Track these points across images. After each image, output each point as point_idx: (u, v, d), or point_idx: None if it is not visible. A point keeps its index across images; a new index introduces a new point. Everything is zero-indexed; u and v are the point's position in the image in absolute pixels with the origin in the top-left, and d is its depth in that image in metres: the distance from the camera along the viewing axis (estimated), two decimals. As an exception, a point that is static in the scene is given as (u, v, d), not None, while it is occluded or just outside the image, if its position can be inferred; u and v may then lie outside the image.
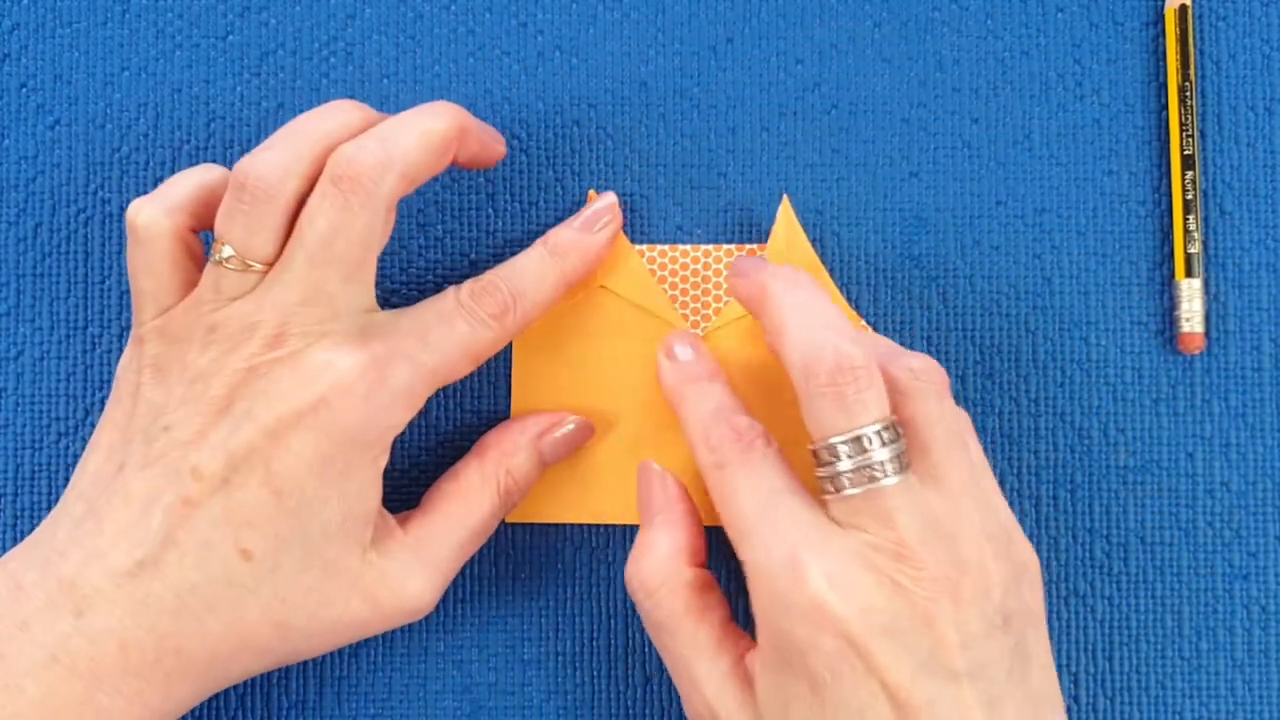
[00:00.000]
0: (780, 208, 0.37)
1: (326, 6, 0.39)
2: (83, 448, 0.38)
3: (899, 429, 0.31)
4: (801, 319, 0.31)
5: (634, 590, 0.33)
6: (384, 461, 0.33)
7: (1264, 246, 0.38)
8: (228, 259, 0.31)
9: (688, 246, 0.38)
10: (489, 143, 0.35)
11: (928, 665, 0.29)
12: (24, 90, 0.39)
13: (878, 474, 0.30)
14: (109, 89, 0.39)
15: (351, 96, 0.39)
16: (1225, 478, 0.38)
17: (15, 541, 0.38)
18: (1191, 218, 0.37)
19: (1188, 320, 0.37)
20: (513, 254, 0.38)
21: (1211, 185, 0.38)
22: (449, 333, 0.33)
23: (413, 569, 0.33)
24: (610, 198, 0.37)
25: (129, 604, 0.30)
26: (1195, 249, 0.37)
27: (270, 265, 0.32)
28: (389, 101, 0.39)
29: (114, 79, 0.39)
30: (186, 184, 0.33)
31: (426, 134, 0.32)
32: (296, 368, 0.31)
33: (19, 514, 0.38)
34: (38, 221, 0.39)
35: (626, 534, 0.38)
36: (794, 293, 0.32)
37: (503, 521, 0.37)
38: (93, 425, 0.38)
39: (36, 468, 0.38)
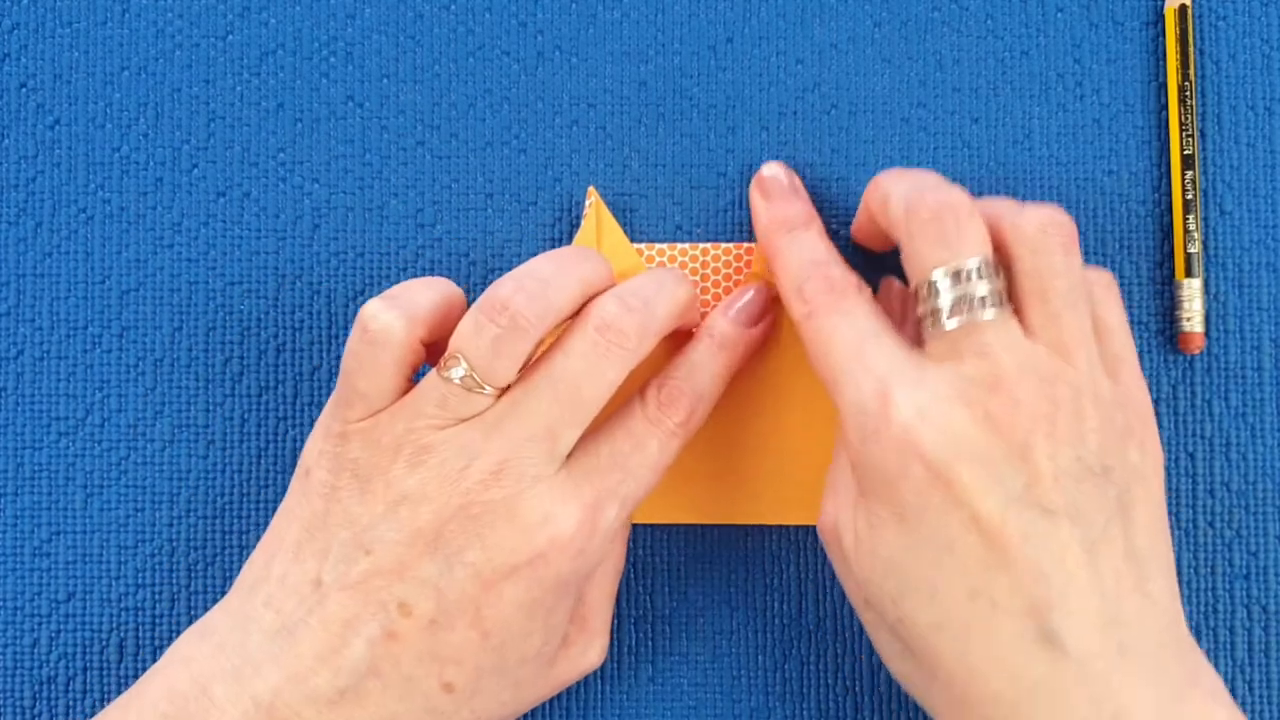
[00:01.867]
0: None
1: (326, 6, 0.39)
2: (82, 447, 0.38)
3: (998, 268, 0.31)
4: (907, 182, 0.32)
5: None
6: (583, 588, 0.34)
7: (1264, 246, 0.38)
8: (460, 379, 0.30)
9: (686, 245, 0.37)
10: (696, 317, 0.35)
11: (1022, 499, 0.29)
12: (24, 90, 0.39)
13: (976, 307, 0.30)
14: (109, 89, 0.39)
15: (351, 97, 0.39)
16: (1225, 478, 0.38)
17: (15, 540, 0.38)
18: (1191, 218, 0.37)
19: (1188, 320, 0.37)
20: (512, 254, 0.38)
21: (1211, 185, 0.38)
22: (645, 457, 0.32)
23: (587, 647, 0.34)
24: (763, 291, 0.36)
25: None
26: (1195, 249, 0.37)
27: (501, 392, 0.31)
28: (389, 101, 0.39)
29: (114, 79, 0.39)
30: (429, 296, 0.32)
31: (677, 303, 0.33)
32: (514, 518, 0.30)
33: (19, 514, 0.38)
34: (38, 221, 0.39)
35: (630, 533, 0.38)
36: (900, 172, 0.34)
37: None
38: (93, 425, 0.38)
39: (36, 468, 0.38)
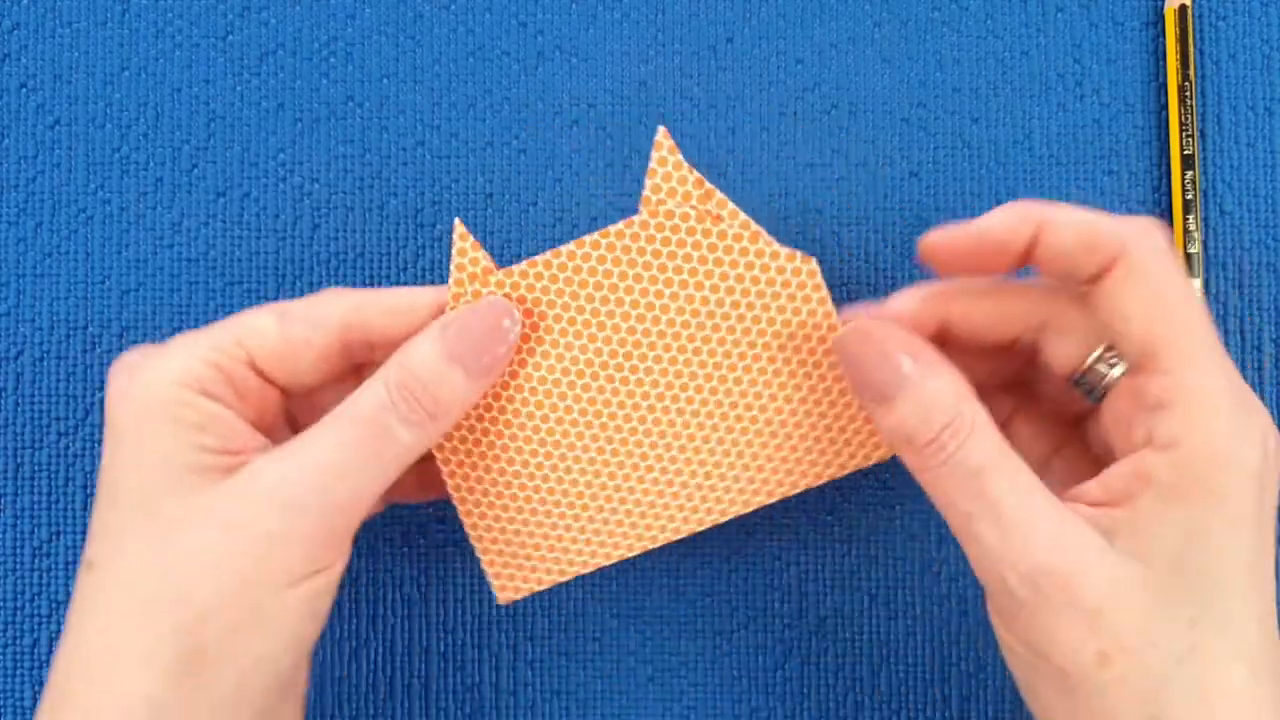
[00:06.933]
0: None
1: (326, 6, 0.39)
2: (82, 447, 0.38)
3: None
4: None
5: (922, 419, 0.29)
6: (190, 413, 0.29)
7: (1264, 246, 0.38)
8: None
9: (547, 255, 0.32)
10: None
11: None
12: (24, 90, 0.39)
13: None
14: (109, 89, 0.39)
15: (351, 97, 0.39)
16: (1225, 478, 0.38)
17: (15, 540, 0.38)
18: (1191, 218, 0.37)
19: (1188, 320, 0.37)
20: (513, 254, 0.38)
21: (1211, 185, 0.38)
22: None
23: (263, 466, 0.29)
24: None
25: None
26: (1195, 249, 0.37)
27: None
28: (389, 101, 0.39)
29: (114, 79, 0.39)
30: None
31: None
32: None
33: (19, 514, 0.38)
34: (38, 221, 0.39)
35: (626, 534, 0.38)
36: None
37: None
38: (93, 425, 0.38)
39: (36, 468, 0.38)
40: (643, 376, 0.33)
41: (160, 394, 0.29)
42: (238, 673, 0.29)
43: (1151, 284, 0.28)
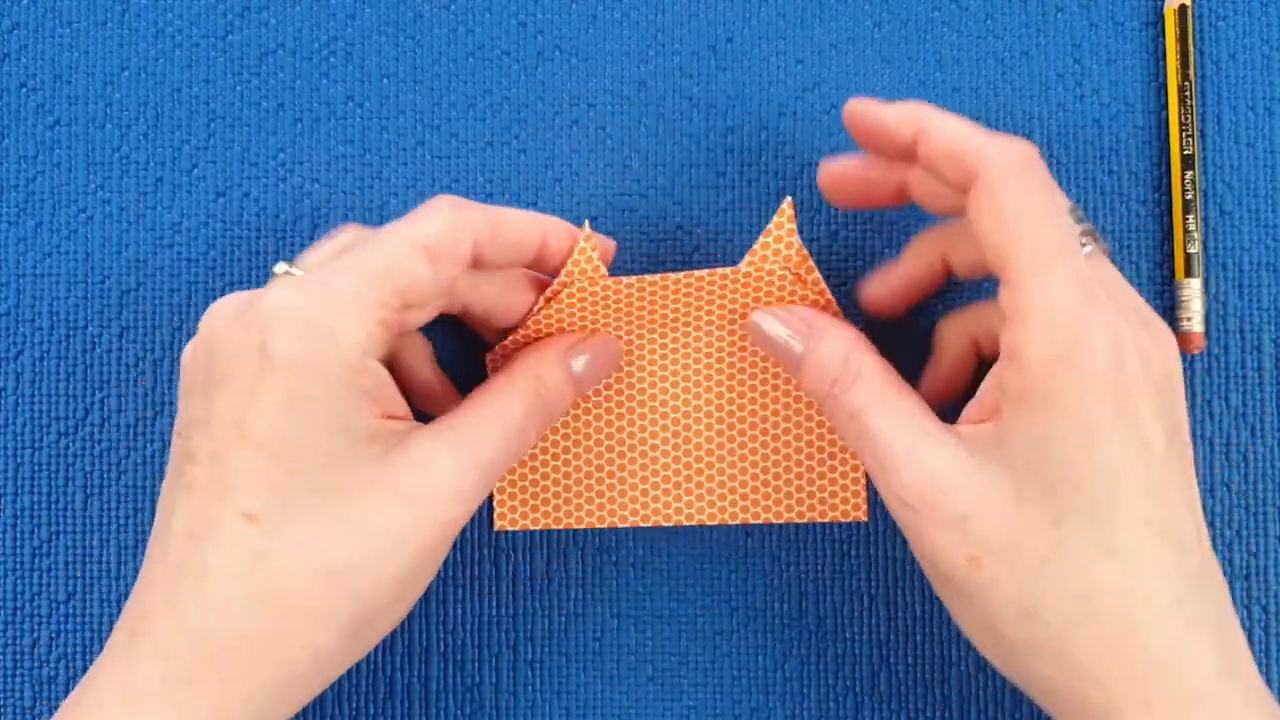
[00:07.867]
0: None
1: (326, 6, 0.39)
2: (82, 447, 0.38)
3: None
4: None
5: (818, 379, 0.32)
6: (368, 380, 0.30)
7: (1264, 246, 0.38)
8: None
9: (655, 277, 0.33)
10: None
11: (1180, 424, 0.30)
12: (24, 90, 0.39)
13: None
14: (109, 89, 0.39)
15: (351, 97, 0.39)
16: (1225, 478, 0.38)
17: (15, 541, 0.38)
18: (1191, 218, 0.37)
19: (1188, 320, 0.37)
20: (513, 254, 0.38)
21: (1211, 185, 0.38)
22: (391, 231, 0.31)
23: (438, 450, 0.31)
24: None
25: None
26: (1195, 249, 0.37)
27: None
28: (389, 101, 0.39)
29: (114, 79, 0.39)
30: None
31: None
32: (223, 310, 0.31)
33: (19, 514, 0.38)
34: (38, 221, 0.39)
35: (626, 532, 0.38)
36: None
37: (494, 528, 0.37)
38: (93, 425, 0.38)
39: (36, 468, 0.38)
40: (699, 380, 0.37)
41: (349, 362, 0.30)
42: (378, 636, 0.31)
43: (1000, 201, 0.30)
